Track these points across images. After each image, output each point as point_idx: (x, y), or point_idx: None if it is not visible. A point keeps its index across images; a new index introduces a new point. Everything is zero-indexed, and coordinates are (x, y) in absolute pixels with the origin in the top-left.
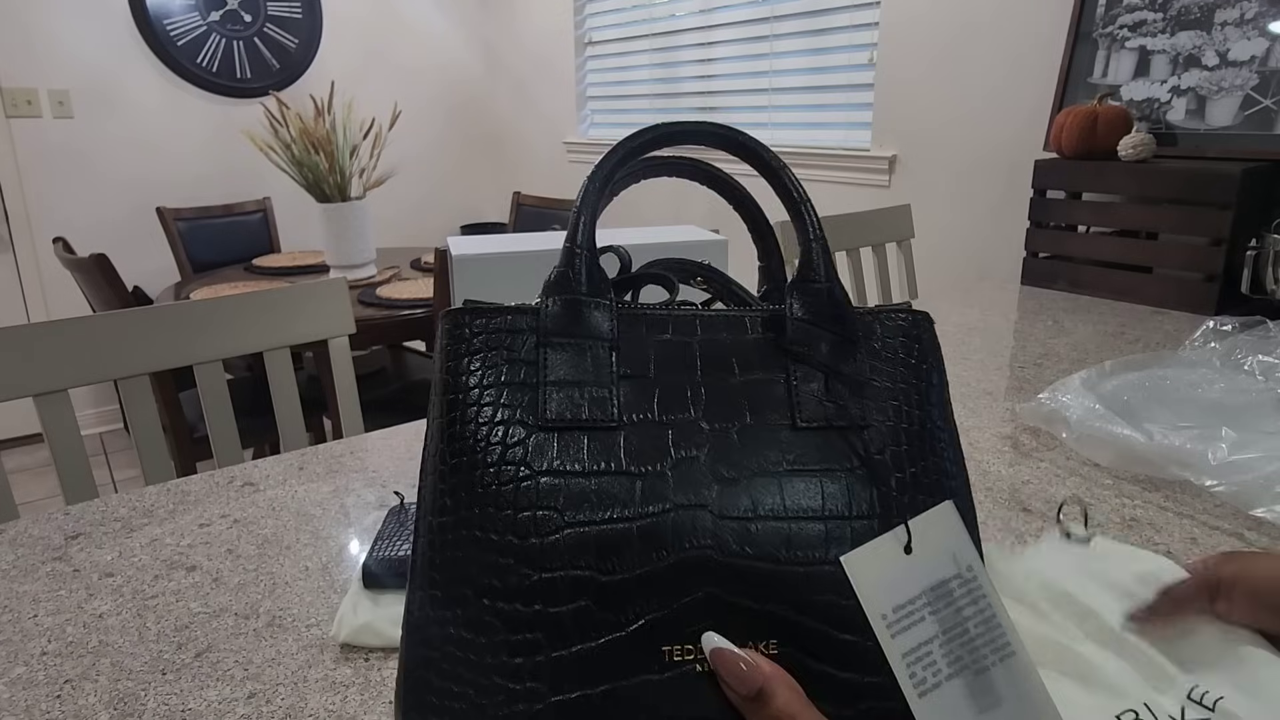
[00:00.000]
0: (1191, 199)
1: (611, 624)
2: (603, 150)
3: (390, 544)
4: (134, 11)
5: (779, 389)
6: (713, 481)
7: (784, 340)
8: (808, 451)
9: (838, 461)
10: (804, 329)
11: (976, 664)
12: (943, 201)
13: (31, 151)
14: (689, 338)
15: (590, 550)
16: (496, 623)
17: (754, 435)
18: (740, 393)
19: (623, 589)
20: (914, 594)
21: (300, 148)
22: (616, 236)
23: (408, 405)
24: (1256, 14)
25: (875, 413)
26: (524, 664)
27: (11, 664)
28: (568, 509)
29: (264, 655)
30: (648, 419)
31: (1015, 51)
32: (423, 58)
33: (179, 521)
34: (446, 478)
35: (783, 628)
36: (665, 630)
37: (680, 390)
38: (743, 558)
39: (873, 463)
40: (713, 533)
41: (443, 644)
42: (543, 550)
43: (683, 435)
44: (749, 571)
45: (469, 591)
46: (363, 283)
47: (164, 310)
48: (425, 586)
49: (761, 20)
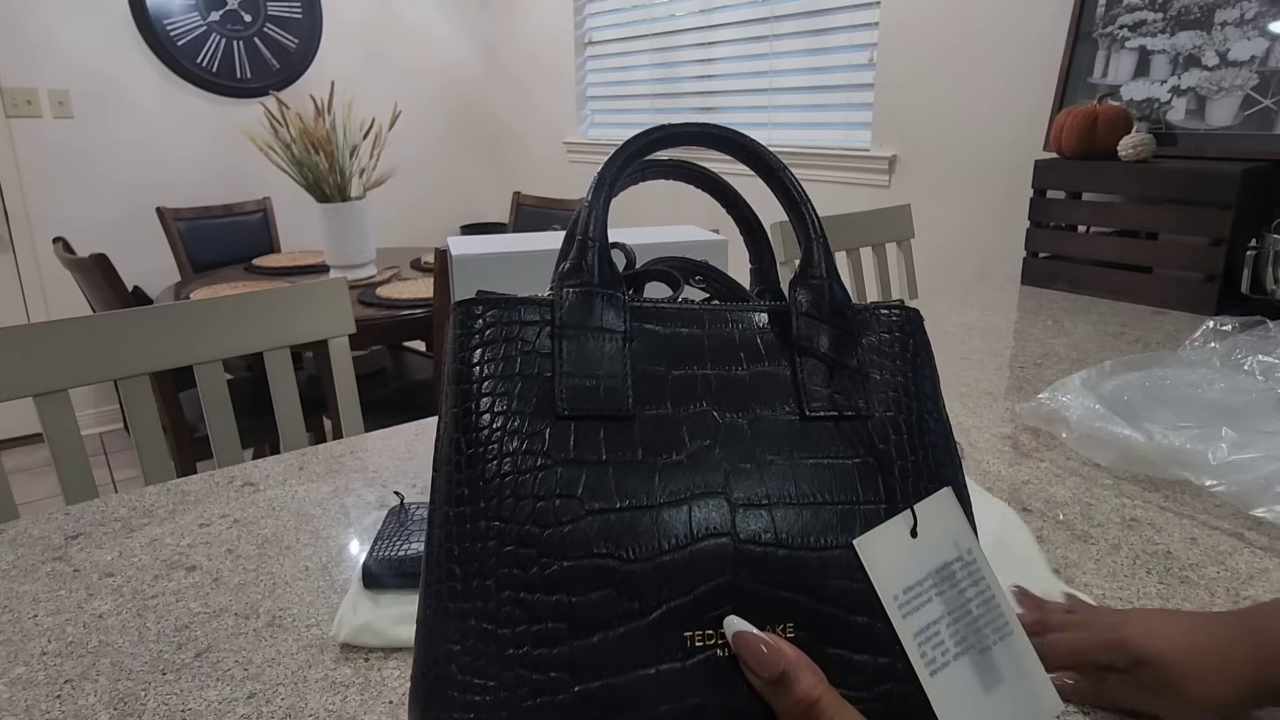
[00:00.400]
0: (1191, 199)
1: (633, 612)
2: (602, 150)
3: (390, 544)
4: (134, 11)
5: (786, 381)
6: (727, 470)
7: (789, 334)
8: (817, 440)
9: (846, 449)
10: (809, 323)
11: (980, 643)
12: (943, 201)
13: (31, 151)
14: (698, 330)
15: (611, 538)
16: (518, 613)
17: (765, 425)
18: (749, 384)
19: (643, 576)
20: (921, 576)
21: (300, 148)
22: (616, 236)
23: (408, 405)
24: (1256, 14)
25: (876, 404)
26: (546, 654)
27: (11, 664)
28: (587, 497)
29: (264, 655)
30: (662, 410)
31: (1015, 52)
32: (423, 58)
33: (179, 521)
34: (462, 468)
35: (799, 612)
36: (686, 616)
37: (691, 381)
38: (759, 544)
39: (878, 451)
40: (730, 520)
41: (463, 637)
42: (563, 539)
43: (696, 425)
44: (765, 557)
45: (489, 583)
46: (363, 283)
47: (164, 310)
48: (443, 579)
49: (761, 20)
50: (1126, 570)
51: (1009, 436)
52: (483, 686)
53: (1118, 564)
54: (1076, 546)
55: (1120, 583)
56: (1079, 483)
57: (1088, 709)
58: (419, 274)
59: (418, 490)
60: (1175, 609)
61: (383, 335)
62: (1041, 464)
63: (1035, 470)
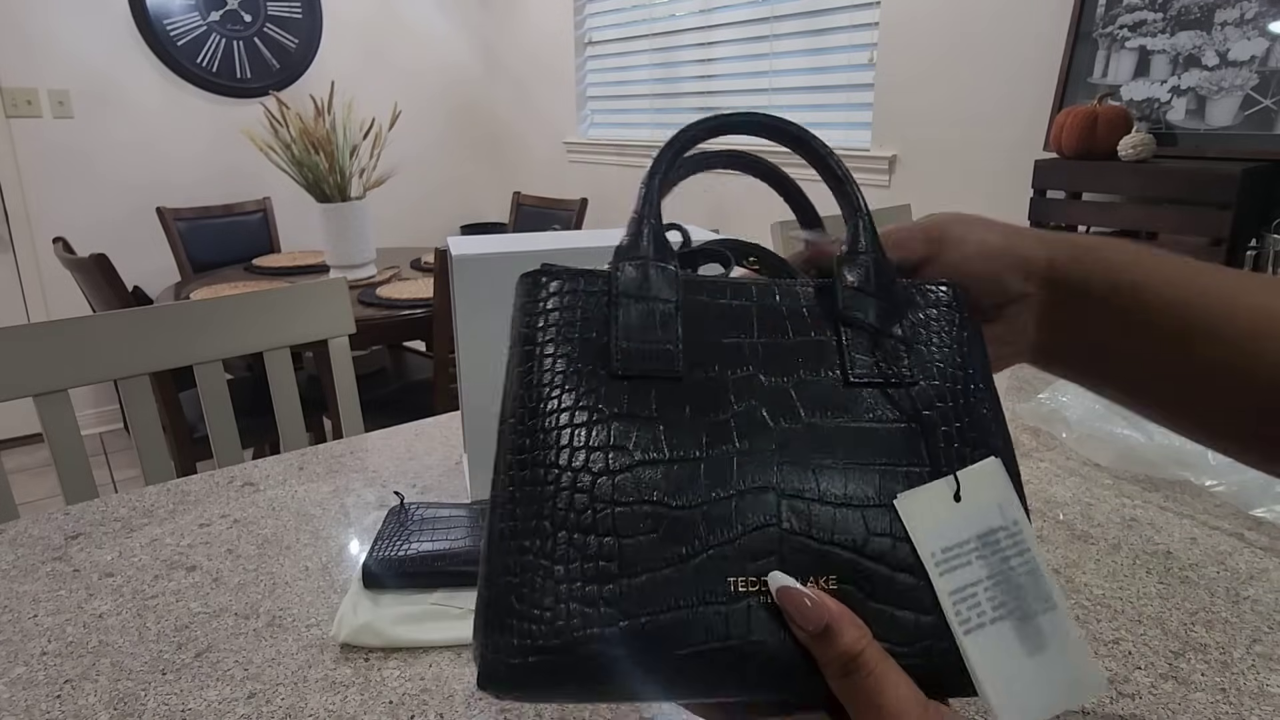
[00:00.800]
0: (1191, 199)
1: (679, 556)
2: (602, 150)
3: (390, 544)
4: (134, 11)
5: (831, 349)
6: (772, 429)
7: (836, 306)
8: (861, 404)
9: (890, 414)
10: (854, 296)
11: (1024, 610)
12: (943, 201)
13: (31, 151)
14: (747, 302)
15: (658, 486)
16: (572, 551)
17: (809, 388)
18: (795, 350)
19: (688, 521)
20: (963, 538)
21: (300, 148)
22: (617, 235)
23: (408, 405)
24: (1256, 14)
25: (921, 374)
26: (596, 590)
27: (11, 664)
28: (637, 448)
29: (264, 655)
30: (710, 372)
31: (1015, 51)
32: (423, 58)
33: (179, 521)
34: (525, 419)
35: (842, 565)
36: (730, 563)
37: (739, 348)
38: (801, 499)
39: (921, 417)
40: (774, 475)
41: (522, 570)
42: (615, 486)
43: (742, 388)
44: (809, 511)
45: (547, 524)
46: (363, 283)
47: (164, 310)
48: (506, 519)
49: (761, 20)
50: (1126, 570)
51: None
52: (539, 616)
53: (1118, 564)
54: (1076, 546)
55: (1120, 583)
56: (1079, 483)
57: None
58: (419, 274)
59: (418, 490)
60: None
61: (383, 335)
62: (1041, 464)
63: (1035, 470)
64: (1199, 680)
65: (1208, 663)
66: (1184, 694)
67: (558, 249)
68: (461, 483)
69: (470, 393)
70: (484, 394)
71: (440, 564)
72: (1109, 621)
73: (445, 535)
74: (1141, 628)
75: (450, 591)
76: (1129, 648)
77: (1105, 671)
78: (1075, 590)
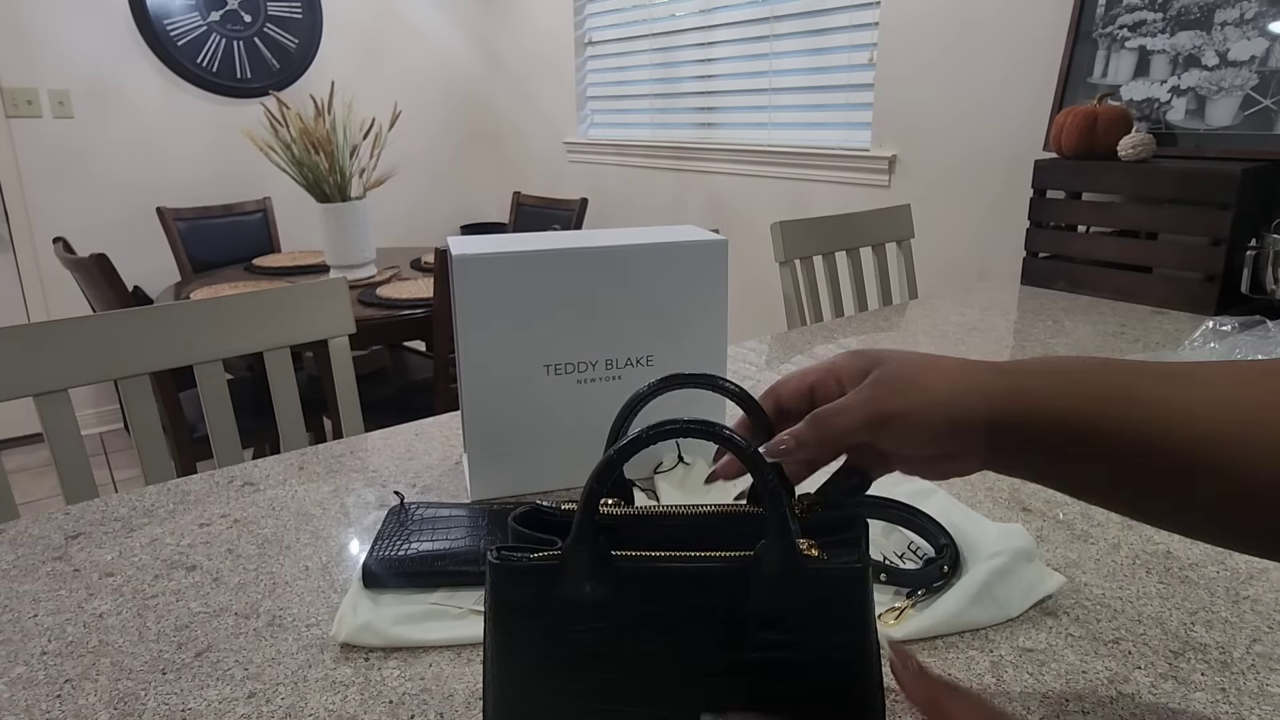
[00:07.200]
0: (1191, 199)
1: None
2: (602, 150)
3: (390, 544)
4: (134, 11)
5: (736, 622)
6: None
7: (748, 582)
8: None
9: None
10: (763, 584)
11: None
12: (943, 201)
13: (31, 151)
14: (670, 585)
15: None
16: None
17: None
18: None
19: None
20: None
21: (300, 148)
22: (617, 235)
23: (408, 405)
24: (1256, 14)
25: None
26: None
27: (11, 664)
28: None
29: (264, 655)
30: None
31: (1015, 51)
32: (423, 58)
33: (179, 521)
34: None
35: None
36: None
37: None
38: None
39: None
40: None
41: None
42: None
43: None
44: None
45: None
46: (363, 283)
47: (164, 310)
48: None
49: (761, 20)
50: (1126, 570)
51: None
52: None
53: (1118, 564)
54: (1076, 546)
55: (1120, 583)
56: None
57: (1087, 709)
58: (419, 274)
59: (418, 490)
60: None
61: (383, 335)
62: None
63: None
64: (1199, 680)
65: (1208, 662)
66: (1184, 694)
67: (557, 249)
68: (461, 483)
69: (470, 393)
70: (484, 394)
71: (440, 564)
72: (1109, 621)
73: (445, 535)
74: (1141, 627)
75: (450, 591)
76: (1129, 648)
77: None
78: (1075, 590)
